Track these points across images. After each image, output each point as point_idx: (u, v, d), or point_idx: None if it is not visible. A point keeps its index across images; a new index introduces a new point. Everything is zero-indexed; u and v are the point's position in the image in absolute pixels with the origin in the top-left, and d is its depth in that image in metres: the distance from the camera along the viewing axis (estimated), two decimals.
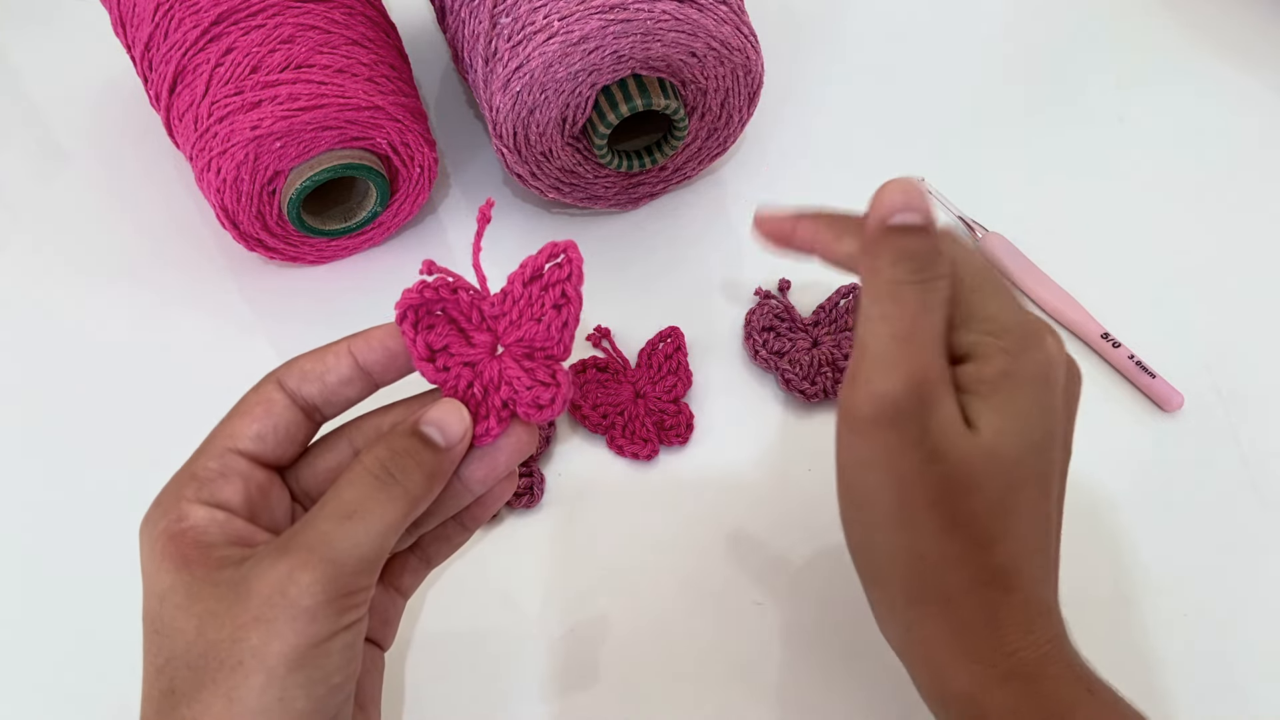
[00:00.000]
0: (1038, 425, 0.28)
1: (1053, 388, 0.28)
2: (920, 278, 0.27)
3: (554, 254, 0.28)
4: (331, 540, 0.25)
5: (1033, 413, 0.27)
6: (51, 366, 0.47)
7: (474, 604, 0.40)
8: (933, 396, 0.26)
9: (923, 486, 0.27)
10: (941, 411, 0.26)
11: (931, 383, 0.26)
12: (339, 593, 0.25)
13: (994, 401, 0.27)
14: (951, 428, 0.26)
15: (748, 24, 0.44)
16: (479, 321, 0.28)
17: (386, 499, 0.26)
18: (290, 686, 0.24)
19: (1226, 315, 0.46)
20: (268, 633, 0.24)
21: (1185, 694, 0.37)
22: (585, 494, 0.42)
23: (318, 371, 0.28)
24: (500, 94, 0.42)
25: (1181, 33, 0.57)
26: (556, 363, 0.29)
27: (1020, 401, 0.27)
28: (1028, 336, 0.28)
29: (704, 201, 0.51)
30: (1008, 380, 0.27)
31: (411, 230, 0.51)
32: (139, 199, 0.53)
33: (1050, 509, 0.29)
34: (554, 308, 0.28)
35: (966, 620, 0.28)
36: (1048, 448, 0.28)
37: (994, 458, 0.27)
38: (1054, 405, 0.28)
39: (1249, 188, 0.51)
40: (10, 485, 0.44)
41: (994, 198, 0.50)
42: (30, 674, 0.39)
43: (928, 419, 0.26)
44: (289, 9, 0.44)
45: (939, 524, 0.27)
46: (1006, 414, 0.27)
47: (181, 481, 0.27)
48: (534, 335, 0.28)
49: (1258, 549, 0.40)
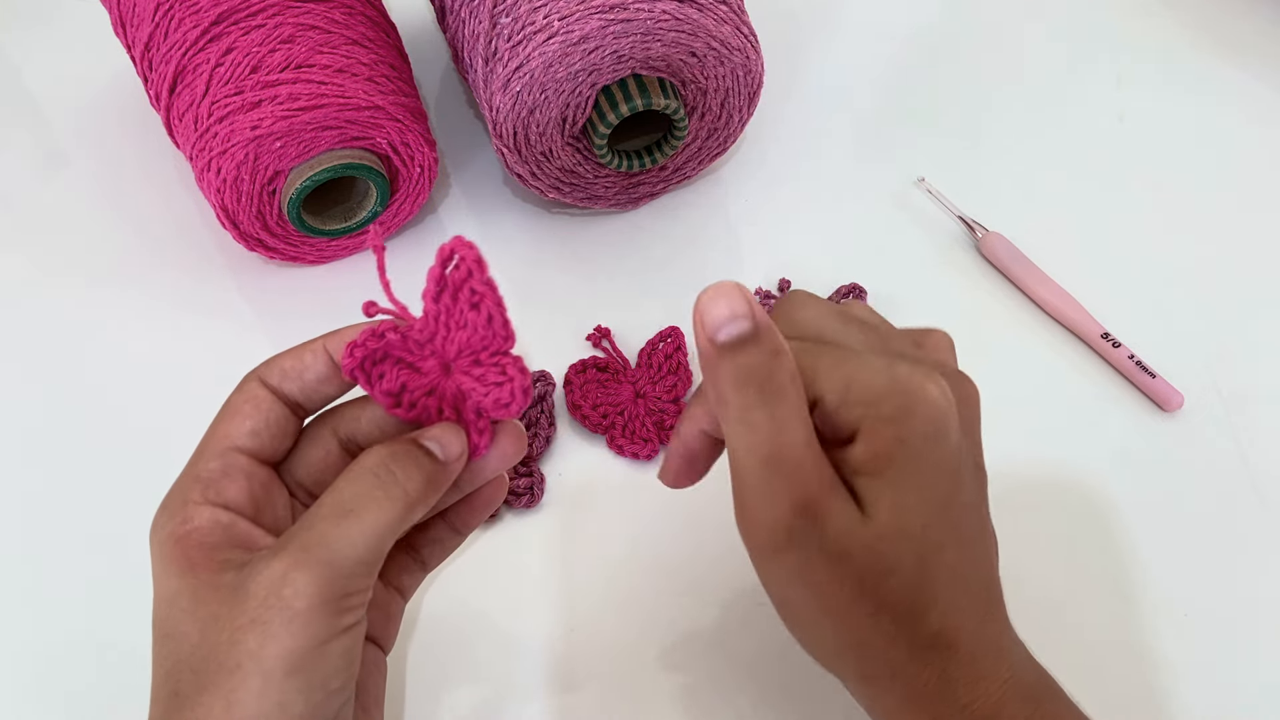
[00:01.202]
0: (939, 485, 0.27)
1: (945, 438, 0.26)
2: (763, 395, 0.25)
3: (446, 258, 0.28)
4: (327, 541, 0.25)
5: (930, 475, 0.26)
6: (51, 366, 0.47)
7: (474, 604, 0.40)
8: (818, 510, 0.26)
9: (838, 587, 0.26)
10: (833, 519, 0.26)
11: (813, 498, 0.26)
12: (335, 594, 0.25)
13: (889, 477, 0.26)
14: (848, 528, 0.26)
15: (748, 24, 0.44)
16: (419, 350, 0.29)
17: (385, 497, 0.26)
18: (288, 691, 0.24)
19: (1226, 315, 0.46)
20: (264, 635, 0.24)
21: (1185, 694, 0.37)
22: (585, 494, 0.42)
23: (296, 370, 0.29)
24: (500, 94, 0.42)
25: (1181, 33, 0.57)
26: (505, 356, 0.28)
27: (914, 472, 0.26)
28: (906, 395, 0.26)
29: (704, 201, 0.51)
30: (900, 449, 0.26)
31: (411, 230, 0.51)
32: (139, 199, 0.53)
33: (975, 548, 0.29)
34: (471, 308, 0.28)
35: (916, 688, 0.28)
36: (953, 499, 0.27)
37: (901, 536, 0.26)
38: (949, 456, 0.27)
39: (1249, 187, 0.51)
40: (10, 485, 0.44)
41: (994, 198, 0.50)
42: (32, 679, 0.39)
43: (822, 530, 0.26)
44: (289, 9, 0.44)
45: (866, 612, 0.27)
46: (903, 488, 0.26)
47: (186, 484, 0.27)
48: (469, 341, 0.28)
49: (1258, 549, 0.40)
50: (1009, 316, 0.46)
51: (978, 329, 0.46)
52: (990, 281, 0.48)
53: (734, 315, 0.25)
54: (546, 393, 0.44)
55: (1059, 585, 0.39)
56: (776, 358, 0.25)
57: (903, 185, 0.51)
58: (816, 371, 0.26)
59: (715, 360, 0.26)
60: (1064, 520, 0.41)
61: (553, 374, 0.44)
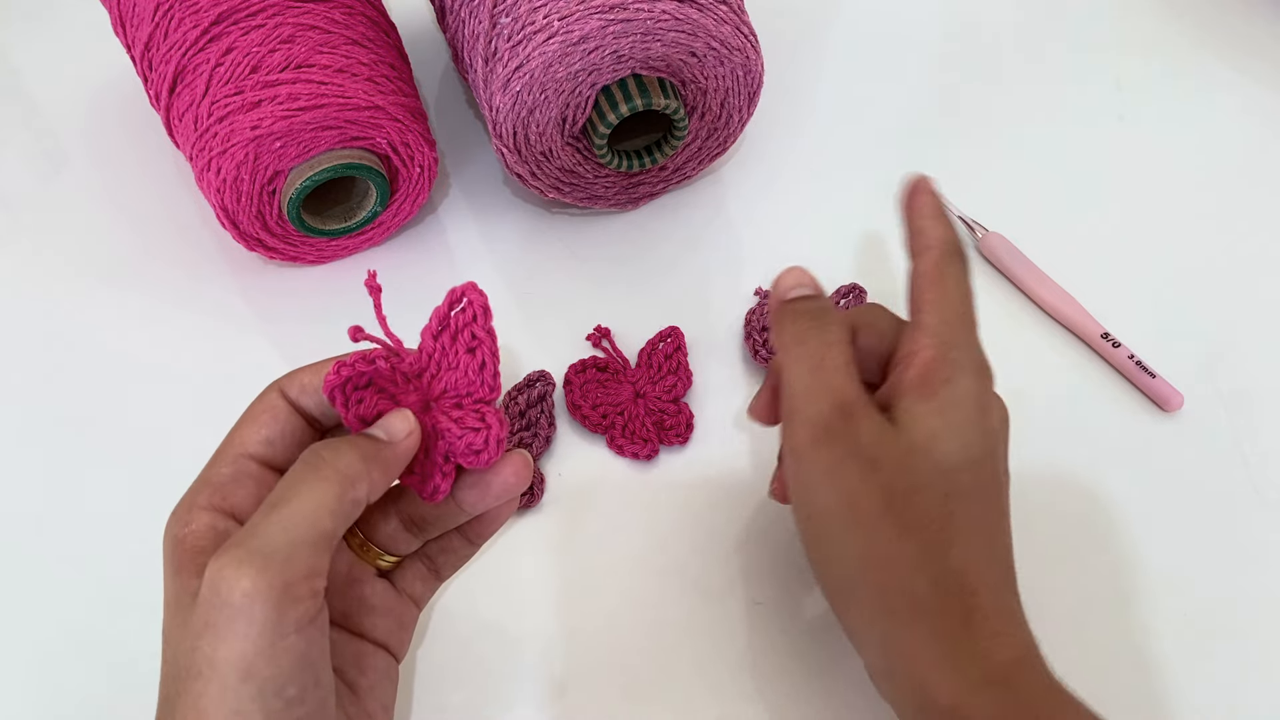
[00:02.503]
0: (974, 435, 0.29)
1: (988, 408, 0.30)
2: (816, 323, 0.31)
3: (455, 300, 0.29)
4: (258, 531, 0.25)
5: (967, 421, 0.29)
6: (51, 366, 0.47)
7: (474, 603, 0.40)
8: (855, 411, 0.29)
9: (868, 495, 0.28)
10: (867, 423, 0.29)
11: (850, 401, 0.29)
12: (273, 585, 0.24)
13: (933, 404, 0.29)
14: (881, 435, 0.29)
15: (748, 24, 0.44)
16: (404, 384, 0.29)
17: (315, 479, 0.26)
18: (242, 697, 0.24)
19: (1226, 315, 0.46)
20: (214, 638, 0.24)
21: (1185, 694, 0.37)
22: (585, 494, 0.42)
23: (314, 384, 0.29)
24: (500, 94, 0.42)
25: (1181, 33, 0.57)
26: (486, 405, 0.29)
27: (956, 409, 0.29)
28: (971, 350, 0.31)
29: (704, 201, 0.51)
30: (950, 387, 0.29)
31: (411, 230, 0.51)
32: (139, 199, 0.53)
33: (997, 527, 0.30)
34: (468, 352, 0.29)
35: (939, 625, 0.28)
36: (983, 462, 0.30)
37: (929, 458, 0.29)
38: (988, 421, 0.30)
39: (1249, 187, 0.51)
40: (10, 485, 0.44)
41: (994, 198, 0.50)
42: (32, 679, 0.39)
43: (857, 431, 0.29)
44: (289, 9, 0.44)
45: (893, 528, 0.28)
46: (944, 417, 0.29)
47: (197, 487, 0.28)
48: (456, 384, 0.29)
49: (1258, 549, 0.40)
50: (1009, 316, 0.46)
51: None
52: (990, 281, 0.48)
53: (800, 283, 0.33)
54: (546, 393, 0.44)
55: (1059, 585, 0.39)
56: (827, 308, 0.32)
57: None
58: (885, 316, 0.33)
59: (781, 310, 0.32)
60: (1064, 520, 0.41)
61: (553, 374, 0.44)
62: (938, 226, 0.32)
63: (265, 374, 0.32)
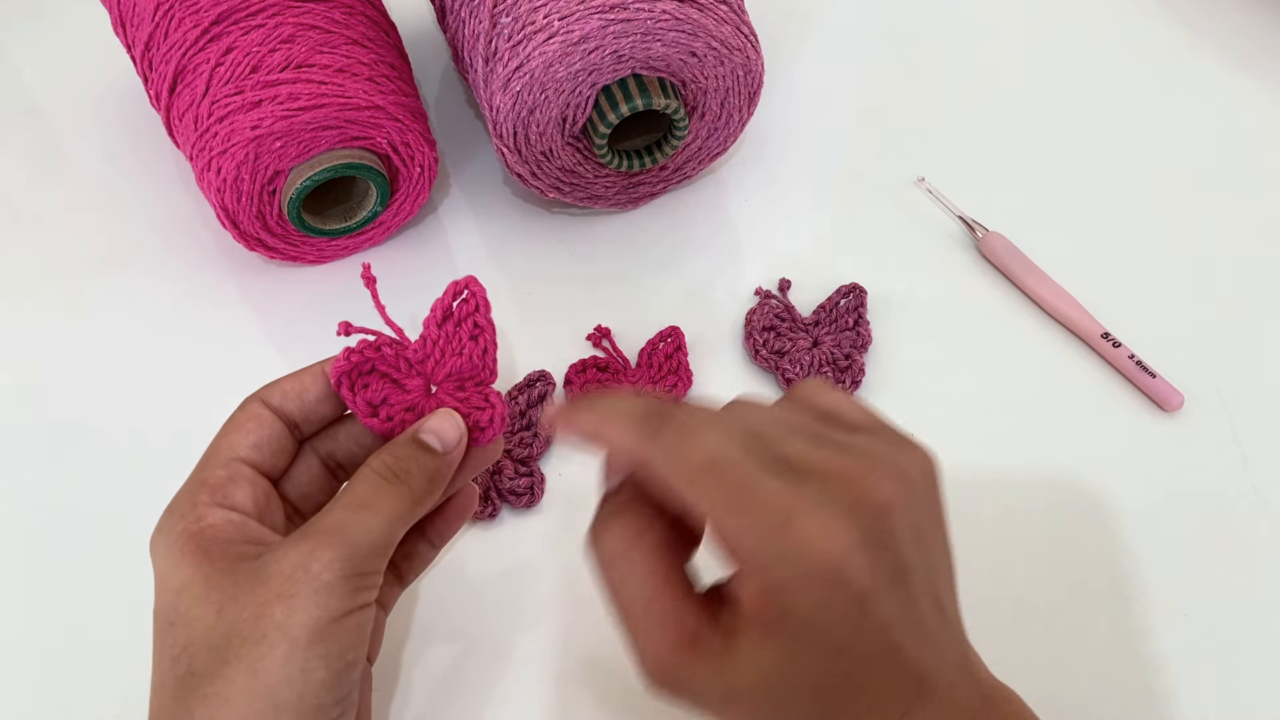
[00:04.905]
0: (830, 639, 0.24)
1: (838, 592, 0.24)
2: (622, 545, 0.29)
3: (458, 292, 0.32)
4: (347, 525, 0.28)
5: (817, 635, 0.24)
6: (51, 366, 0.47)
7: (473, 604, 0.40)
8: (696, 649, 0.27)
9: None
10: (698, 681, 0.27)
11: (673, 663, 0.27)
12: (354, 571, 0.27)
13: (773, 644, 0.25)
14: (712, 686, 0.26)
15: (748, 24, 0.44)
16: (407, 369, 0.31)
17: (394, 494, 0.29)
18: (311, 658, 0.26)
19: (1226, 315, 0.46)
20: (290, 606, 0.26)
21: (1185, 694, 0.37)
22: (585, 494, 0.42)
23: (296, 390, 0.31)
24: (500, 94, 0.42)
25: (1180, 33, 0.57)
26: (487, 386, 0.32)
27: (798, 639, 0.24)
28: (798, 561, 0.24)
29: (704, 201, 0.51)
30: (786, 621, 0.24)
31: (411, 230, 0.51)
32: (139, 199, 0.53)
33: (878, 671, 0.25)
34: (471, 339, 0.32)
35: None
36: (851, 644, 0.25)
37: (781, 691, 0.25)
38: (843, 611, 0.24)
39: (1249, 187, 0.51)
40: (10, 485, 0.44)
41: (994, 198, 0.50)
42: (31, 679, 0.39)
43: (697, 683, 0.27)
44: (289, 9, 0.44)
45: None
46: (788, 650, 0.25)
47: (193, 489, 0.29)
48: (460, 368, 0.32)
49: (1258, 549, 0.40)
50: (1009, 316, 0.46)
51: (978, 329, 0.46)
52: (990, 281, 0.48)
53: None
54: (546, 393, 0.44)
55: (1059, 585, 0.39)
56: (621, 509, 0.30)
57: (902, 185, 0.51)
58: (714, 512, 0.26)
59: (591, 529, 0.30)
60: (1064, 520, 0.41)
61: (553, 374, 0.44)
62: (611, 420, 0.27)
63: (265, 374, 0.33)
